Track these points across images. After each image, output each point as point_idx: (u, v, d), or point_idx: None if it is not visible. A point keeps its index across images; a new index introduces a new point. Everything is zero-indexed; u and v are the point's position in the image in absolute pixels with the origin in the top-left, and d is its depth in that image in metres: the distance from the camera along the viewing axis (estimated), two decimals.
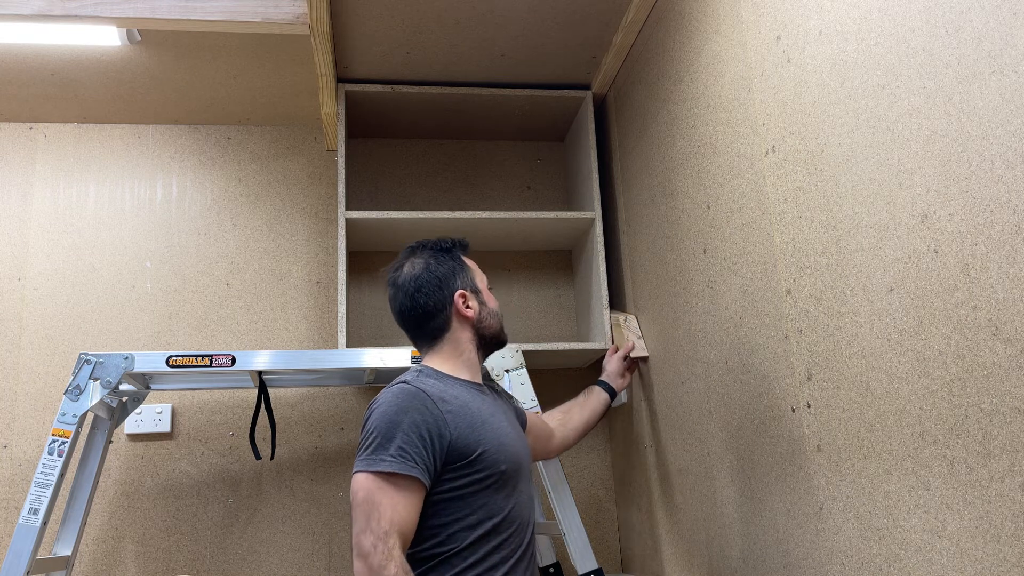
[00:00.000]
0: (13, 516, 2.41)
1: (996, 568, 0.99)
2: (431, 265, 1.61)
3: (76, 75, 2.49)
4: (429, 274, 1.60)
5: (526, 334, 2.72)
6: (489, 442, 1.47)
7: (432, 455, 1.40)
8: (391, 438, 1.38)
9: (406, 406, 1.42)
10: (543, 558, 2.45)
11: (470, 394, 1.54)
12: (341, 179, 2.44)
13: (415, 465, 1.38)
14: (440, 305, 1.59)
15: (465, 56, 2.42)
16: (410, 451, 1.38)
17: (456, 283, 1.61)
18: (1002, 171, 0.97)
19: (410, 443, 1.38)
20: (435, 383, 1.50)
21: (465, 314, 1.60)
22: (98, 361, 2.03)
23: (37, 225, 2.66)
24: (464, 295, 1.60)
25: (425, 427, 1.40)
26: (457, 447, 1.43)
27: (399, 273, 1.63)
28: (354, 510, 1.35)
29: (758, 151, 1.58)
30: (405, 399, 1.43)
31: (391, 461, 1.36)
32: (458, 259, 1.65)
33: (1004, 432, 0.97)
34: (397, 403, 1.42)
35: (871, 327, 1.22)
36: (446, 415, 1.44)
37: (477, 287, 1.64)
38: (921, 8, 1.11)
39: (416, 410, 1.41)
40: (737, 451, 1.70)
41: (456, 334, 1.60)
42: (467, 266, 1.66)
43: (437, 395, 1.46)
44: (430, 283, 1.59)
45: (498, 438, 1.49)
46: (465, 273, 1.64)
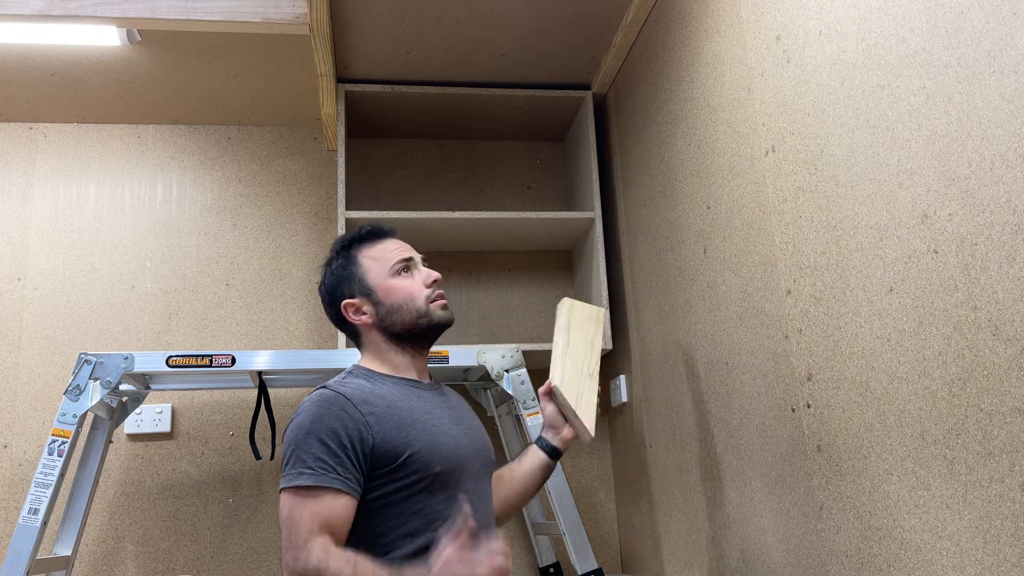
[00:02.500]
0: (13, 516, 2.41)
1: (996, 568, 0.99)
2: (325, 276, 1.54)
3: (76, 75, 2.49)
4: (323, 287, 1.54)
5: (526, 334, 2.72)
6: (419, 442, 1.37)
7: (355, 462, 1.32)
8: (308, 450, 1.30)
9: (322, 413, 1.33)
10: (543, 558, 2.45)
11: (402, 392, 1.44)
12: (341, 179, 2.44)
13: (337, 476, 1.30)
14: (340, 318, 1.51)
15: (465, 56, 2.42)
16: (329, 461, 1.30)
17: (343, 291, 1.50)
18: (1002, 171, 0.97)
19: (328, 452, 1.30)
20: (362, 383, 1.42)
21: (358, 322, 1.49)
22: (98, 361, 2.03)
23: (37, 225, 2.66)
24: (350, 303, 1.49)
25: (344, 433, 1.32)
26: (382, 450, 1.34)
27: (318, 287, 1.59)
28: (281, 530, 1.30)
29: (758, 151, 1.58)
30: (323, 406, 1.35)
31: (309, 474, 1.29)
32: (350, 259, 1.52)
33: (1004, 432, 0.97)
34: (314, 411, 1.34)
35: (871, 327, 1.22)
36: (367, 417, 1.35)
37: (369, 287, 1.49)
38: (921, 8, 1.11)
39: (333, 416, 1.33)
40: (737, 451, 1.70)
41: (367, 339, 1.51)
42: (358, 265, 1.51)
43: (359, 397, 1.37)
44: (325, 298, 1.54)
45: (431, 437, 1.39)
46: (352, 276, 1.50)
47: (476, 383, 2.51)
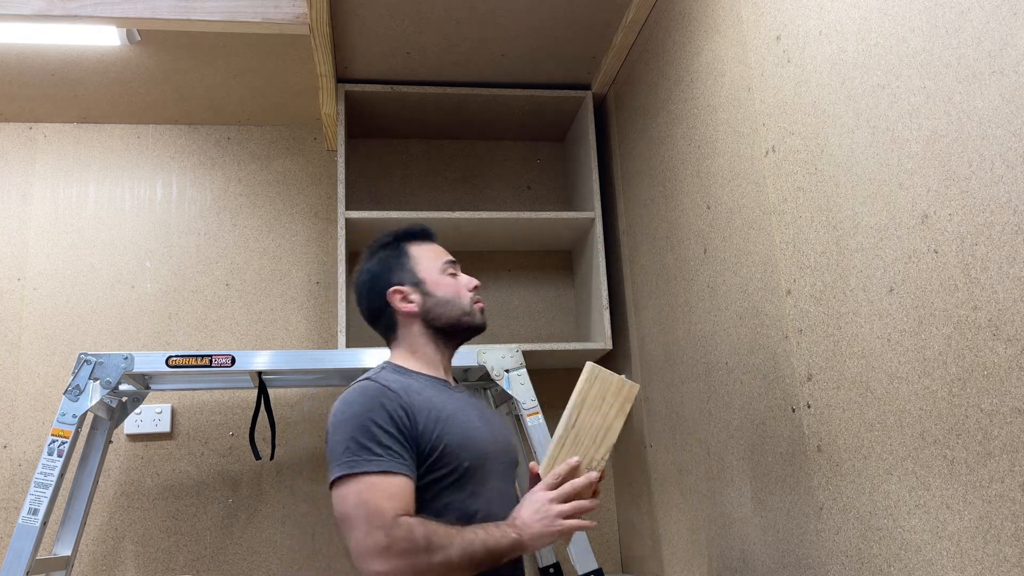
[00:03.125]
0: (13, 516, 2.41)
1: (996, 568, 0.99)
2: (369, 266, 1.56)
3: (76, 75, 2.49)
4: (368, 275, 1.55)
5: (526, 334, 2.72)
6: (452, 436, 1.38)
7: (410, 449, 1.33)
8: (370, 437, 1.30)
9: (375, 403, 1.34)
10: (543, 558, 2.45)
11: (433, 389, 1.46)
12: (341, 179, 2.44)
13: (403, 461, 1.31)
14: (381, 305, 1.52)
15: (465, 56, 2.42)
16: (394, 447, 1.31)
17: (391, 279, 1.52)
18: (1002, 171, 0.97)
19: (391, 438, 1.31)
20: (398, 378, 1.43)
21: (404, 310, 1.51)
22: (98, 361, 2.03)
23: (37, 225, 2.66)
24: (399, 291, 1.51)
25: (400, 420, 1.34)
26: (421, 442, 1.35)
27: (355, 278, 1.60)
28: (346, 520, 1.26)
29: (758, 151, 1.58)
30: (373, 396, 1.36)
31: (377, 460, 1.28)
32: (399, 251, 1.56)
33: (1004, 432, 0.97)
34: (366, 401, 1.35)
35: (871, 327, 1.22)
36: (411, 408, 1.36)
37: (419, 278, 1.53)
38: (921, 8, 1.11)
39: (385, 406, 1.34)
40: (737, 451, 1.70)
41: (405, 330, 1.52)
42: (409, 256, 1.56)
43: (402, 389, 1.39)
44: (367, 284, 1.54)
45: (463, 432, 1.41)
46: (403, 265, 1.54)
47: (476, 383, 2.51)
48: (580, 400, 1.41)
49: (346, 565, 2.49)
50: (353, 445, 1.29)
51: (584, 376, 1.43)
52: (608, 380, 1.43)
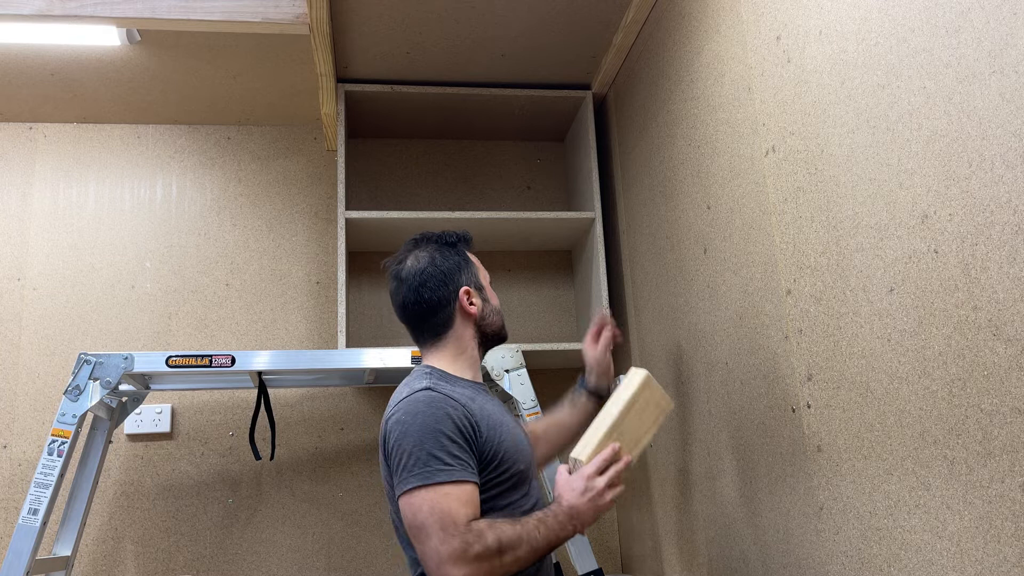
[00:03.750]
0: (13, 516, 2.41)
1: (996, 568, 0.99)
2: (436, 259, 1.56)
3: (76, 75, 2.49)
4: (435, 268, 1.55)
5: (526, 334, 2.72)
6: (507, 441, 1.45)
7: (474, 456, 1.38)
8: (440, 447, 1.34)
9: (441, 414, 1.37)
10: None
11: (481, 396, 1.52)
12: (341, 179, 2.44)
13: (472, 470, 1.36)
14: (444, 301, 1.54)
15: (465, 56, 2.42)
16: (463, 457, 1.35)
17: (461, 279, 1.56)
18: (1002, 171, 0.97)
19: (460, 449, 1.35)
20: (451, 387, 1.46)
21: (469, 311, 1.55)
22: (98, 361, 2.03)
23: (37, 225, 2.66)
24: (469, 291, 1.56)
25: (466, 430, 1.38)
26: (484, 449, 1.41)
27: (402, 266, 1.58)
28: (421, 529, 1.30)
29: (758, 151, 1.58)
30: (438, 406, 1.39)
31: (449, 470, 1.32)
32: (463, 254, 1.61)
33: (1004, 432, 0.97)
34: (432, 412, 1.37)
35: (871, 327, 1.22)
36: (473, 418, 1.41)
37: (480, 283, 1.61)
38: (921, 8, 1.11)
39: (452, 416, 1.38)
40: (737, 451, 1.70)
41: (459, 331, 1.55)
42: (471, 262, 1.62)
43: (462, 399, 1.43)
44: (435, 277, 1.54)
45: (513, 437, 1.48)
46: (470, 269, 1.60)
47: None
48: (632, 402, 1.50)
49: (345, 563, 2.49)
50: (424, 455, 1.33)
51: (640, 381, 1.53)
52: (655, 390, 1.55)
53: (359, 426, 2.62)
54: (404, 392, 1.44)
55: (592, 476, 1.42)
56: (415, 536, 1.31)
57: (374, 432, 2.61)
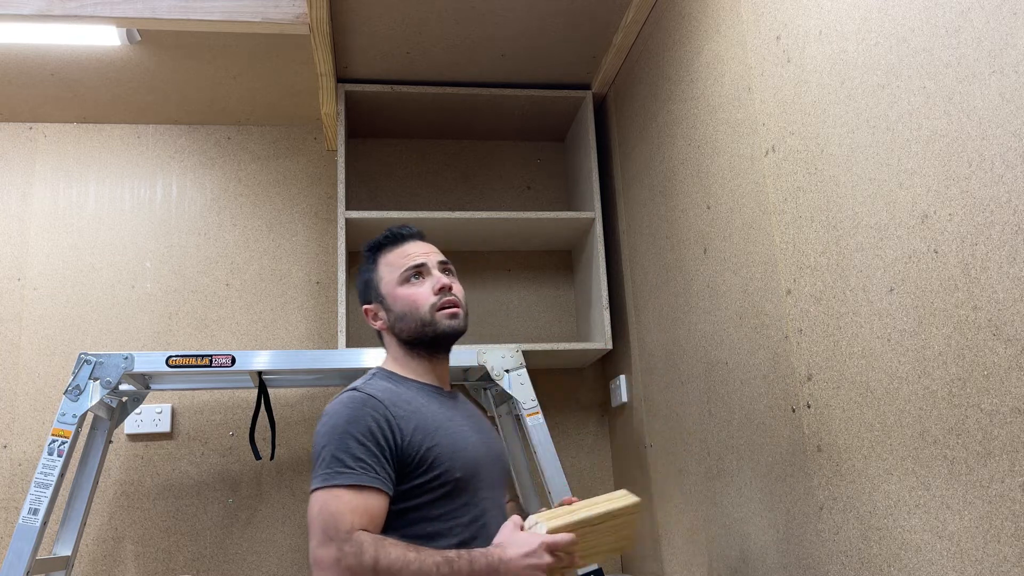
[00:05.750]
0: (13, 516, 2.41)
1: (996, 568, 0.99)
2: (358, 275, 1.60)
3: (76, 75, 2.49)
4: (358, 284, 1.60)
5: (526, 334, 2.72)
6: (442, 447, 1.38)
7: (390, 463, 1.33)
8: (346, 449, 1.31)
9: (357, 415, 1.34)
10: None
11: (424, 397, 1.46)
12: (341, 179, 2.44)
13: (376, 475, 1.31)
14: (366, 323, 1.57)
15: (465, 56, 2.42)
16: (368, 460, 1.31)
17: (370, 295, 1.56)
18: (1002, 171, 0.97)
19: (367, 452, 1.31)
20: (387, 386, 1.44)
21: (377, 327, 1.55)
22: (98, 361, 2.03)
23: (37, 225, 2.66)
24: (368, 310, 1.55)
25: (380, 433, 1.33)
26: (408, 453, 1.35)
27: None
28: (310, 527, 1.28)
29: (758, 151, 1.58)
30: (356, 407, 1.36)
31: (349, 473, 1.29)
32: (372, 265, 1.57)
33: (1004, 432, 0.97)
34: (348, 412, 1.35)
35: (871, 327, 1.22)
36: (397, 420, 1.36)
37: (381, 294, 1.53)
38: (921, 8, 1.11)
39: (368, 417, 1.34)
40: (737, 451, 1.70)
41: (388, 341, 1.55)
42: (377, 271, 1.56)
43: (388, 399, 1.39)
44: (359, 295, 1.59)
45: (453, 443, 1.40)
46: (371, 282, 1.56)
47: (476, 383, 2.51)
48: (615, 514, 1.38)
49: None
50: (328, 457, 1.31)
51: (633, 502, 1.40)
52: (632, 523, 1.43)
53: None
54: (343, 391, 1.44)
55: (545, 547, 1.28)
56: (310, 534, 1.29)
57: None
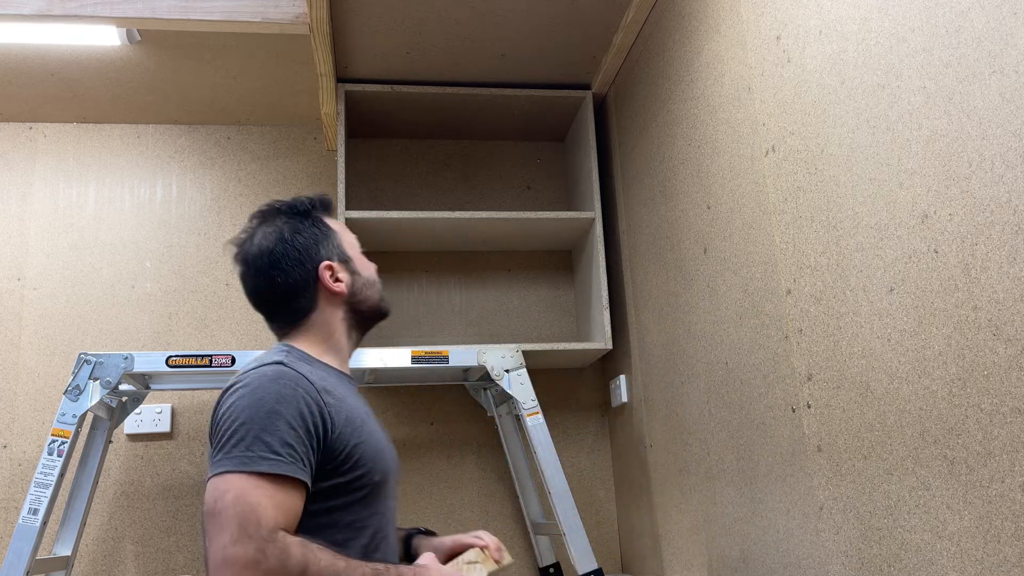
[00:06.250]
0: (13, 516, 2.41)
1: (996, 568, 0.99)
2: (286, 235, 1.33)
3: (76, 75, 2.49)
4: (286, 246, 1.32)
5: (526, 334, 2.72)
6: (368, 444, 1.24)
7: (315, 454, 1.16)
8: (274, 431, 1.11)
9: (288, 393, 1.15)
10: (543, 558, 2.45)
11: (345, 387, 1.30)
12: (341, 179, 2.44)
13: (303, 467, 1.12)
14: (303, 282, 1.31)
15: (465, 56, 2.42)
16: (298, 449, 1.12)
17: (321, 252, 1.34)
18: (1002, 171, 0.97)
19: (297, 439, 1.13)
20: (311, 369, 1.25)
21: (334, 289, 1.33)
22: (98, 361, 2.03)
23: (37, 225, 2.66)
24: (331, 267, 1.34)
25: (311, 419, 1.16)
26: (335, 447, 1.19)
27: (248, 246, 1.34)
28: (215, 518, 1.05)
29: (758, 151, 1.58)
30: (287, 385, 1.16)
31: (275, 460, 1.09)
32: (320, 223, 1.38)
33: (1004, 432, 0.97)
34: (277, 389, 1.15)
35: (871, 327, 1.22)
36: (328, 408, 1.19)
37: (346, 254, 1.37)
38: (921, 8, 1.11)
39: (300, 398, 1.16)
40: (737, 451, 1.70)
41: (324, 315, 1.33)
42: (333, 230, 1.38)
43: (319, 384, 1.21)
44: (288, 256, 1.31)
45: (375, 443, 1.26)
46: (330, 239, 1.36)
47: (476, 383, 2.51)
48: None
49: None
50: (249, 437, 1.10)
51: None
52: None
53: None
54: (250, 366, 1.22)
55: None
56: (209, 524, 1.06)
57: None
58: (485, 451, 2.62)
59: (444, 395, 2.64)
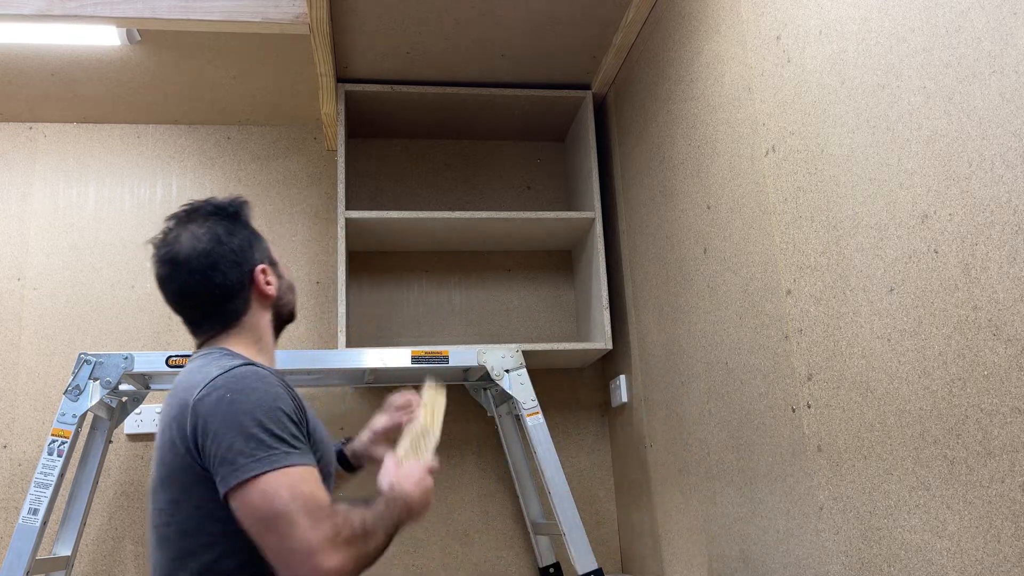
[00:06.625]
0: (13, 516, 2.41)
1: (996, 568, 0.99)
2: (221, 235, 1.31)
3: (76, 75, 2.49)
4: (223, 247, 1.30)
5: (526, 334, 2.72)
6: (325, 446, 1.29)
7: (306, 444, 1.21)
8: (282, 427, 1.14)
9: (277, 392, 1.18)
10: (543, 558, 2.45)
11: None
12: (341, 179, 2.44)
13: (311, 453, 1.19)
14: (239, 284, 1.31)
15: (465, 56, 2.42)
16: (303, 439, 1.18)
17: (255, 255, 1.33)
18: (1002, 171, 0.97)
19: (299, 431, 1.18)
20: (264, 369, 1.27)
21: (266, 292, 1.33)
22: (98, 361, 2.03)
23: (37, 225, 2.66)
24: (265, 270, 1.34)
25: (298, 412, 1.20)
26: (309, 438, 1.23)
27: (177, 247, 1.30)
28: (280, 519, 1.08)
29: (758, 151, 1.58)
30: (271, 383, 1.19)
31: (298, 452, 1.14)
32: (249, 226, 1.37)
33: (1004, 432, 0.97)
34: (265, 387, 1.18)
35: (871, 327, 1.22)
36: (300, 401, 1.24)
37: (274, 258, 1.39)
38: (921, 8, 1.11)
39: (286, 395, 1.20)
40: (737, 451, 1.70)
41: (255, 317, 1.33)
42: (260, 234, 1.39)
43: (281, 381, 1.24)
44: (226, 258, 1.30)
45: (326, 446, 1.31)
46: (261, 242, 1.37)
47: (476, 383, 2.51)
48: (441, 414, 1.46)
49: None
50: (266, 436, 1.12)
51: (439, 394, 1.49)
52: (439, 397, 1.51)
53: (359, 426, 2.60)
54: (212, 372, 1.20)
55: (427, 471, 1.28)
56: (269, 528, 1.09)
57: None
58: (485, 451, 2.62)
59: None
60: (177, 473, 1.18)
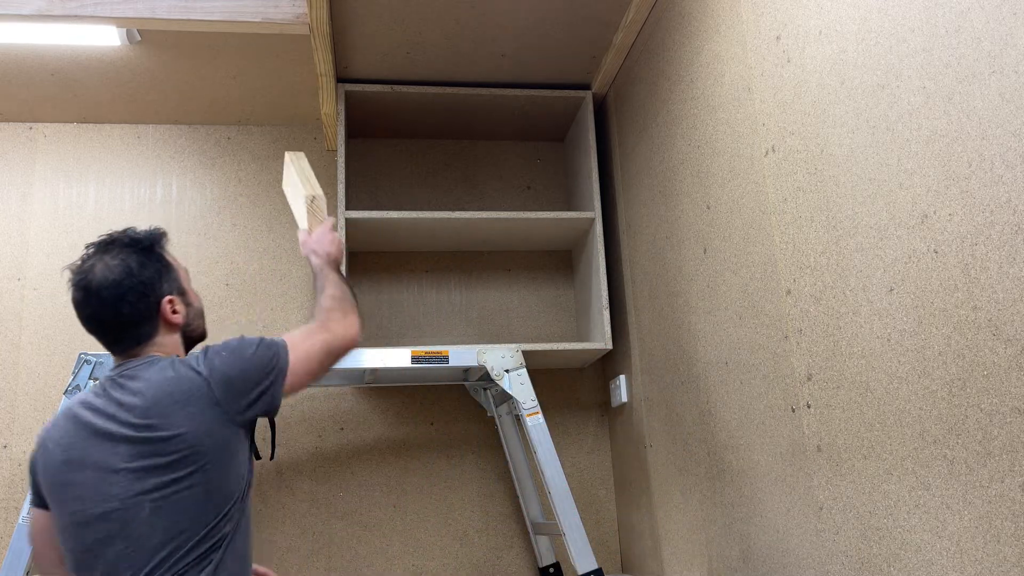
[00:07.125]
0: (13, 516, 2.41)
1: (996, 568, 0.99)
2: (133, 268, 1.42)
3: (76, 75, 2.49)
4: (132, 279, 1.41)
5: (526, 334, 2.72)
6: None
7: None
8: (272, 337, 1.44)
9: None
10: (543, 558, 2.46)
11: None
12: (341, 179, 2.44)
13: None
14: (147, 314, 1.42)
15: (465, 56, 2.42)
16: None
17: (163, 288, 1.45)
18: (1002, 171, 0.97)
19: None
20: None
21: (172, 320, 1.45)
22: (98, 361, 2.03)
23: (37, 225, 2.66)
24: (172, 301, 1.46)
25: None
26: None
27: (91, 276, 1.42)
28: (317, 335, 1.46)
29: (758, 151, 1.58)
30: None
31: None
32: (162, 258, 1.50)
33: (1004, 432, 0.97)
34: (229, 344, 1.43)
35: (871, 327, 1.22)
36: None
37: (183, 287, 1.51)
38: (921, 8, 1.11)
39: None
40: (737, 451, 1.70)
41: (164, 339, 1.45)
42: (172, 264, 1.51)
43: None
44: (134, 290, 1.41)
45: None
46: (171, 273, 1.49)
47: (476, 383, 2.51)
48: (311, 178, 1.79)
49: (344, 563, 2.49)
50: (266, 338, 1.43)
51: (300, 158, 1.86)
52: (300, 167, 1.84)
53: (359, 426, 2.62)
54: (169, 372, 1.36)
55: (331, 228, 1.65)
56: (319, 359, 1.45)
57: (374, 432, 2.61)
58: (485, 451, 2.62)
59: (444, 395, 2.65)
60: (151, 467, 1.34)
